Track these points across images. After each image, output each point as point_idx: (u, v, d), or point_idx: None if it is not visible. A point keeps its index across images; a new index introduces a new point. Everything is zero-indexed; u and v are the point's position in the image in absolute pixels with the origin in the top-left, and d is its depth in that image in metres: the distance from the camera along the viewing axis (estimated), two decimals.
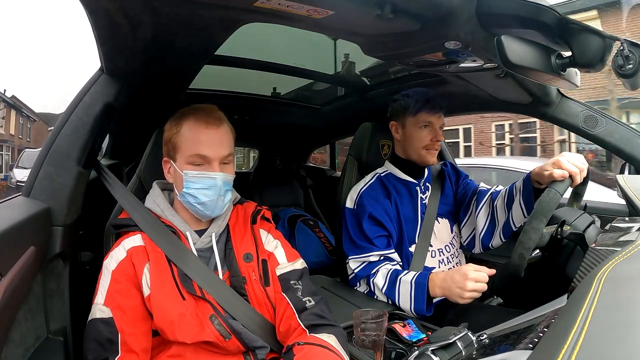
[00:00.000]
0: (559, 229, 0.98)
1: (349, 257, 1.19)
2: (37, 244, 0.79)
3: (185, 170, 0.83)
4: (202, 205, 0.84)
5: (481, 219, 1.21)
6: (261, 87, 1.93)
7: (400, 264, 1.17)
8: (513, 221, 1.14)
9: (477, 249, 1.25)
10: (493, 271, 0.98)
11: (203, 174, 0.83)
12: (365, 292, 1.18)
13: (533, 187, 1.07)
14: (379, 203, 1.20)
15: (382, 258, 1.15)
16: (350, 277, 1.20)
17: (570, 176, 0.96)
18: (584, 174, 0.99)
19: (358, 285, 1.20)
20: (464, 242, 1.30)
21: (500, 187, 1.25)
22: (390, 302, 1.10)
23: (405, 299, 1.06)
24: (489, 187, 1.29)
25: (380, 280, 1.11)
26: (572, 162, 0.97)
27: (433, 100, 1.22)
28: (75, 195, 0.93)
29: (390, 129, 1.29)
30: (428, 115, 1.21)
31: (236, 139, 0.91)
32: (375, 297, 1.14)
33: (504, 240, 1.18)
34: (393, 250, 1.17)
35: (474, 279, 0.96)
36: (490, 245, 1.21)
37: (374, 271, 1.13)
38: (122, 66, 0.96)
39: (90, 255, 1.20)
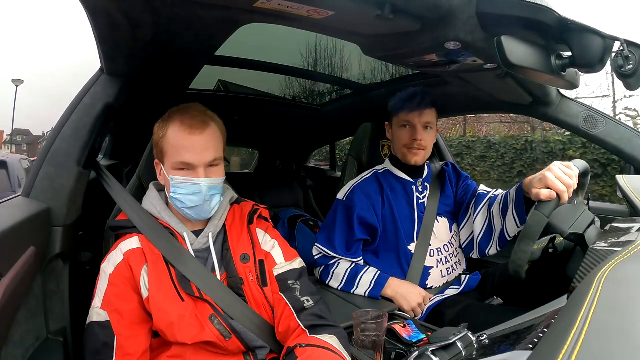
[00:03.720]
0: (551, 244, 0.98)
1: (317, 243, 1.24)
2: (37, 244, 0.79)
3: (172, 175, 0.83)
4: (189, 210, 0.84)
5: (478, 224, 1.20)
6: (261, 87, 1.94)
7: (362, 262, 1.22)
8: (507, 231, 1.11)
9: (475, 254, 1.24)
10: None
11: (188, 179, 0.82)
12: (319, 273, 1.24)
13: (524, 197, 1.03)
14: (368, 198, 1.22)
15: (341, 259, 1.21)
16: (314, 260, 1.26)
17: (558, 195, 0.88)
18: (573, 189, 0.90)
19: (318, 269, 1.25)
20: (463, 244, 1.29)
21: (499, 192, 1.22)
22: (340, 288, 1.19)
23: (360, 291, 1.16)
24: (489, 190, 1.27)
25: (341, 271, 1.19)
26: (560, 177, 0.89)
27: (413, 98, 1.20)
28: (75, 195, 0.93)
29: (386, 130, 1.32)
30: (405, 114, 1.21)
31: (236, 140, 0.90)
32: (328, 280, 1.20)
33: (499, 249, 1.17)
34: (360, 258, 1.22)
35: (422, 302, 1.13)
36: (487, 252, 1.19)
37: (333, 262, 1.21)
38: (123, 66, 0.97)
39: (90, 255, 1.20)
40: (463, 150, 6.71)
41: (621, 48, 0.73)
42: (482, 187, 1.30)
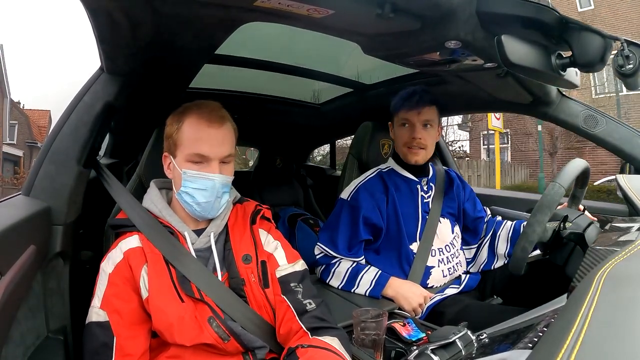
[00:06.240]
0: (562, 225, 0.98)
1: (318, 242, 1.24)
2: (37, 243, 0.79)
3: (184, 168, 0.82)
4: (199, 205, 0.83)
5: (485, 251, 1.30)
6: (262, 87, 1.93)
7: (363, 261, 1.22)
8: None
9: (475, 270, 1.32)
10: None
11: (201, 174, 0.82)
12: (320, 271, 1.24)
13: None
14: (373, 198, 1.21)
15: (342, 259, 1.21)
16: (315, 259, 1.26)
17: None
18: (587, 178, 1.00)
19: (319, 268, 1.25)
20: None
21: (499, 218, 1.36)
22: (341, 287, 1.19)
23: (361, 290, 1.16)
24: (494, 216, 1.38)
25: (342, 270, 1.19)
26: None
27: (411, 97, 1.21)
28: (76, 194, 0.93)
29: (389, 129, 1.32)
30: (405, 112, 1.22)
31: (237, 139, 0.90)
32: (329, 279, 1.21)
33: (508, 262, 1.23)
34: (362, 257, 1.21)
35: (423, 302, 1.12)
36: (492, 267, 1.29)
37: (334, 261, 1.21)
38: (122, 65, 0.96)
39: (90, 254, 1.20)
40: None
41: (621, 47, 0.74)
42: (489, 212, 1.40)
